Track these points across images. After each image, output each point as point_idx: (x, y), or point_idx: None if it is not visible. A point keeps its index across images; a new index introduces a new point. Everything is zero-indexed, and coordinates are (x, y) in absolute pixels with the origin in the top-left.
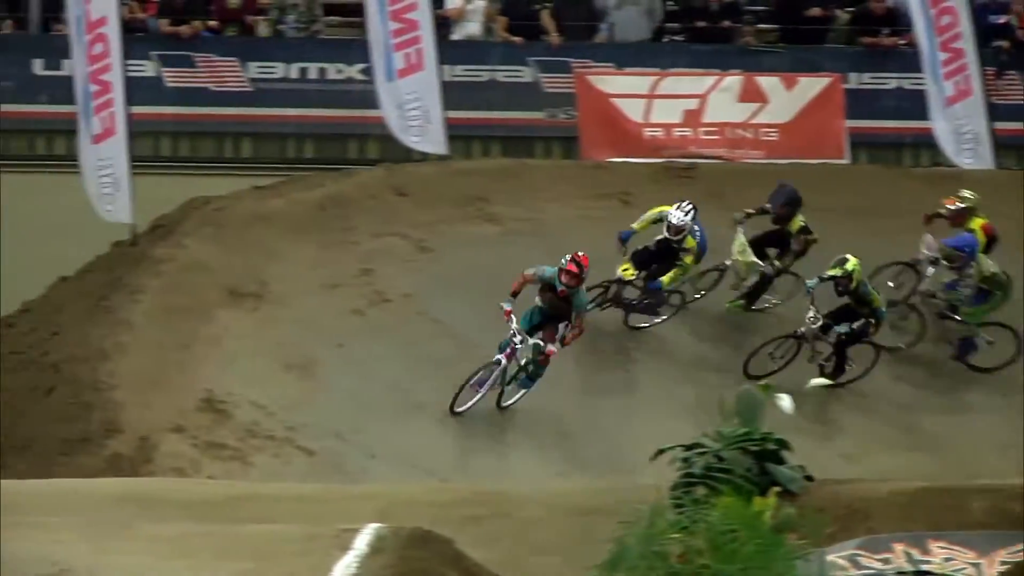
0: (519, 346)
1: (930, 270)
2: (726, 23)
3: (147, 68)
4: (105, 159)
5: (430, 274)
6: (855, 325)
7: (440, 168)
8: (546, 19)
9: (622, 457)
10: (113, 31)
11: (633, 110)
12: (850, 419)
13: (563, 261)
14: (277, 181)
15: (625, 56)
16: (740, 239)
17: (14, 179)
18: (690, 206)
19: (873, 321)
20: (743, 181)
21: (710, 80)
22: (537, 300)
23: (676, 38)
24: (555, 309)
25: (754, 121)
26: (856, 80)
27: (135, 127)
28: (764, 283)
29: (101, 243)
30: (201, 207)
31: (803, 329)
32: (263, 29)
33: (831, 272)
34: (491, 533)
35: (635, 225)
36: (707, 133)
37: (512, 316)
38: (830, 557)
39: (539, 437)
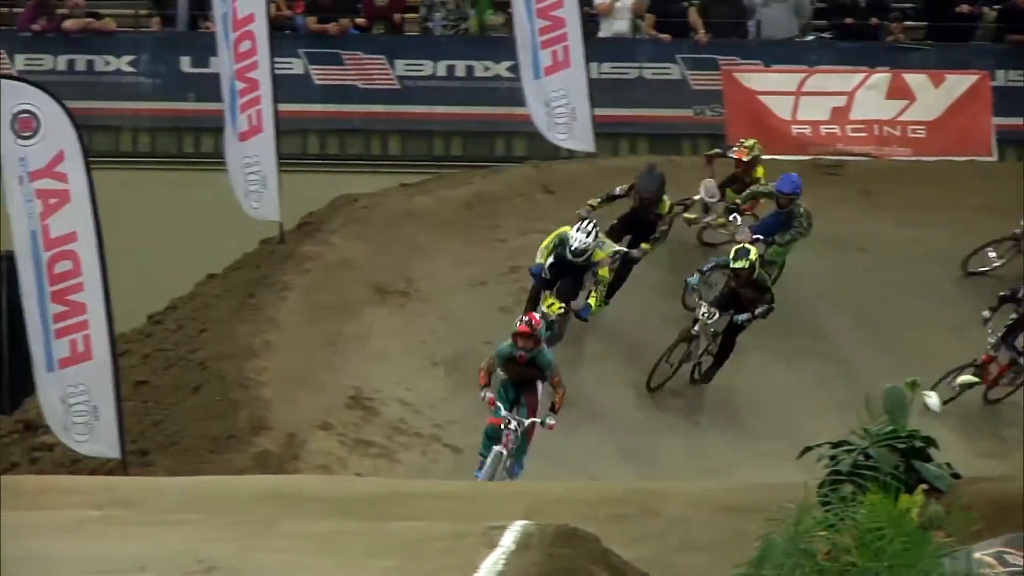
0: (514, 431)
1: (744, 234)
2: (873, 20)
3: (295, 66)
4: (252, 156)
5: None
6: (759, 311)
7: (587, 165)
8: (693, 16)
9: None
10: (260, 28)
11: (780, 107)
12: (991, 416)
13: (516, 326)
14: (424, 179)
15: (772, 53)
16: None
17: (162, 176)
18: (591, 225)
19: (774, 305)
20: (890, 178)
21: (857, 77)
22: (501, 374)
23: (823, 35)
24: (524, 377)
25: (901, 118)
26: (1003, 77)
27: (282, 125)
28: (627, 269)
29: (250, 240)
30: (348, 204)
31: (696, 328)
32: (411, 27)
33: (736, 265)
34: (638, 530)
35: (540, 259)
36: (854, 130)
37: (497, 403)
38: (977, 554)
39: (687, 435)
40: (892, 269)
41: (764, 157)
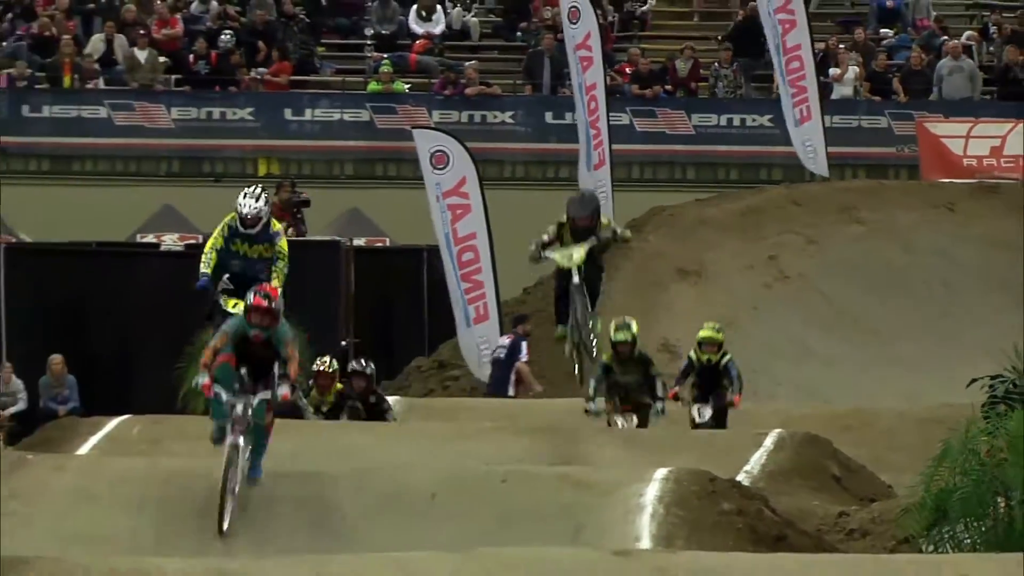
0: (241, 414)
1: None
2: None
3: (623, 119)
4: (600, 181)
5: (817, 260)
6: (660, 395)
7: (824, 186)
8: (896, 84)
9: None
10: (600, 93)
11: (955, 146)
12: None
13: (248, 299)
14: (711, 195)
15: (950, 108)
16: (561, 253)
17: (532, 194)
18: (258, 189)
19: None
20: None
21: (1008, 125)
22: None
23: (986, 97)
24: (257, 359)
25: None
26: None
27: (615, 159)
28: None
29: None
30: (660, 213)
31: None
32: (703, 92)
33: (616, 337)
34: (859, 437)
35: (206, 269)
36: (1007, 162)
37: (215, 389)
38: None
39: (894, 369)
40: None
41: (944, 180)
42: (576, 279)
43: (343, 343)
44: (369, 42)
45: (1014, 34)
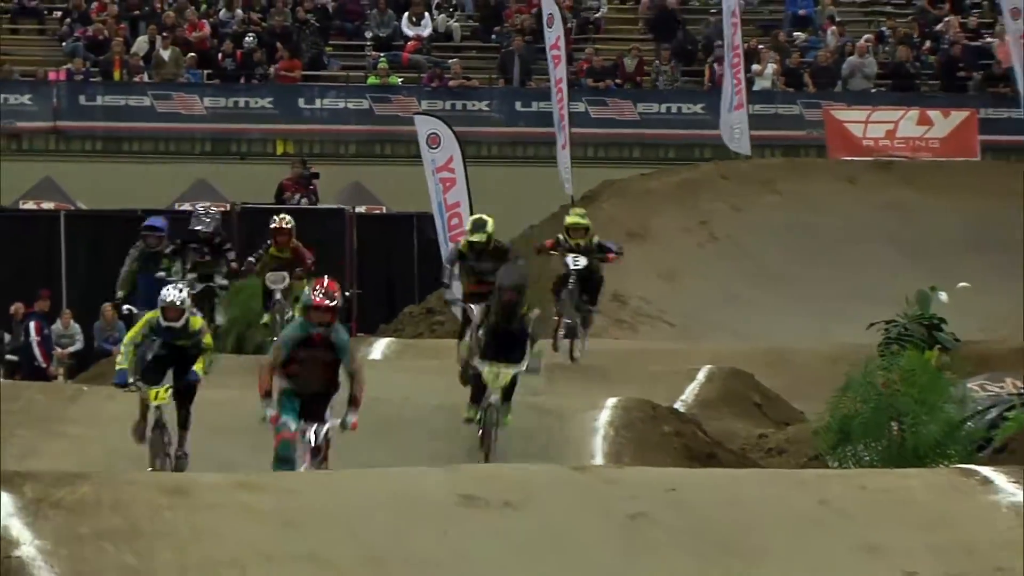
0: (314, 441)
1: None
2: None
3: (580, 107)
4: (565, 159)
5: (740, 224)
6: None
7: (748, 163)
8: (807, 78)
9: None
10: (564, 87)
11: (856, 129)
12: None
13: (307, 298)
14: (654, 170)
15: (853, 99)
16: (489, 369)
17: (510, 170)
18: (181, 283)
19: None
20: (920, 170)
21: (900, 112)
22: (284, 385)
23: (882, 88)
24: (316, 371)
25: (926, 136)
26: (983, 112)
27: (574, 140)
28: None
29: (554, 206)
30: (611, 186)
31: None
32: (647, 83)
33: (472, 238)
34: (778, 371)
35: (123, 364)
36: (899, 143)
37: (283, 418)
38: (968, 384)
39: (806, 315)
40: (922, 215)
41: (847, 158)
42: (494, 398)
43: (347, 293)
44: (369, 43)
45: (906, 36)
